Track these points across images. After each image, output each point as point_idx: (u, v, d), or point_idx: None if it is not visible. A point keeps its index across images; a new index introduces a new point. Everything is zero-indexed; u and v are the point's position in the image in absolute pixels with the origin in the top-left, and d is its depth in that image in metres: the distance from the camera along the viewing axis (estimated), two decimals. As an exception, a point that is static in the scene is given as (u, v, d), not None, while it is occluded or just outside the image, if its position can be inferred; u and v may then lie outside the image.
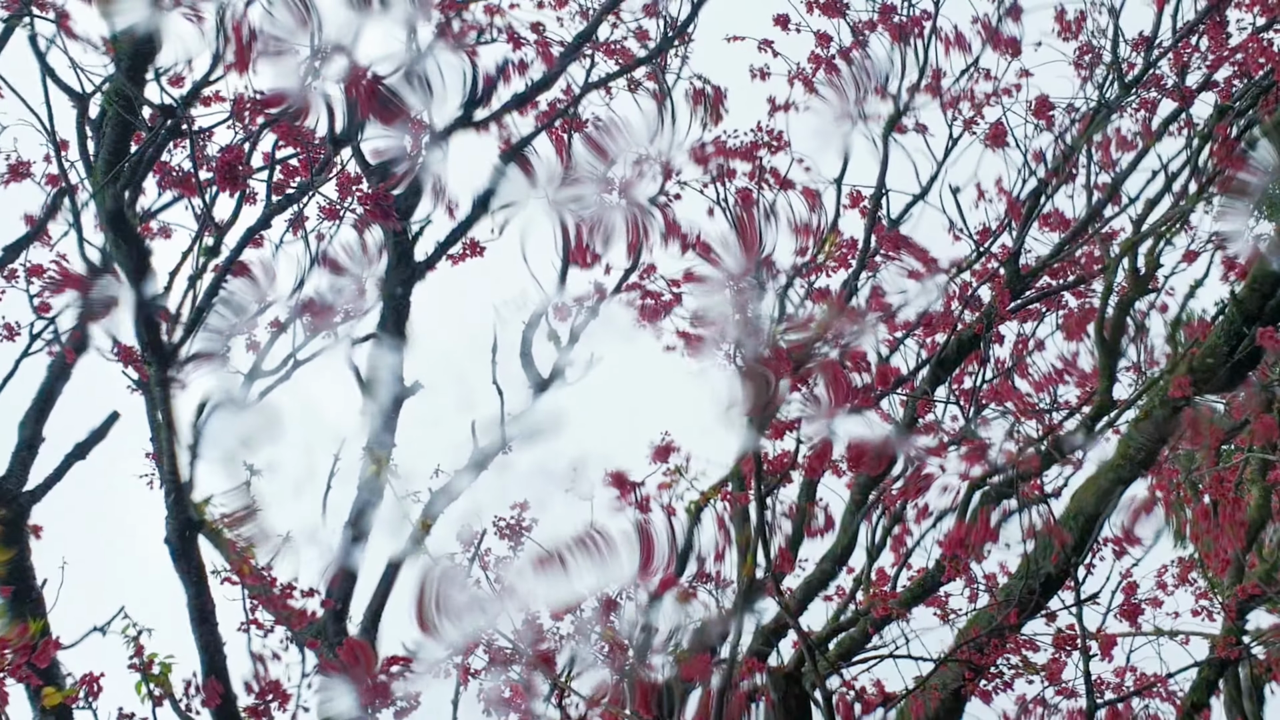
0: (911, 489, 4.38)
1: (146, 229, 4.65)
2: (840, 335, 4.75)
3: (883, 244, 5.25)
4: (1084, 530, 4.08)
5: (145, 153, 3.52)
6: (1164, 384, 4.52)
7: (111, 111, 3.63)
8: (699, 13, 4.73)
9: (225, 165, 3.48)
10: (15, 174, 4.19)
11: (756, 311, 4.56)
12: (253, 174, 4.05)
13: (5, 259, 4.26)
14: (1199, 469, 5.32)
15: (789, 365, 4.52)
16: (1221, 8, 4.97)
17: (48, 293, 4.27)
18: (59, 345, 4.32)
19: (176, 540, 3.91)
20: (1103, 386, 4.92)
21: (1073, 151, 4.92)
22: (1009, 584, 4.41)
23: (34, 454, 4.32)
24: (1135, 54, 5.17)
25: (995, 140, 5.00)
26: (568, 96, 4.88)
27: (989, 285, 4.93)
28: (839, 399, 4.64)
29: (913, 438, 4.55)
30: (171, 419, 3.87)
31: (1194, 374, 4.46)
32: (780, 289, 4.92)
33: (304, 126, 4.30)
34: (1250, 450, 4.76)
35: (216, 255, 4.03)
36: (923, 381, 4.92)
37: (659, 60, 4.82)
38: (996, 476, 4.48)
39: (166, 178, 4.10)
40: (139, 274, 3.63)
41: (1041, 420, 5.49)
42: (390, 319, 4.45)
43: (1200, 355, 4.50)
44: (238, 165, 3.56)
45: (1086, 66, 5.30)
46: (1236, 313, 4.44)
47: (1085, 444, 4.67)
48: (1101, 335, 4.61)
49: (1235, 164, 4.84)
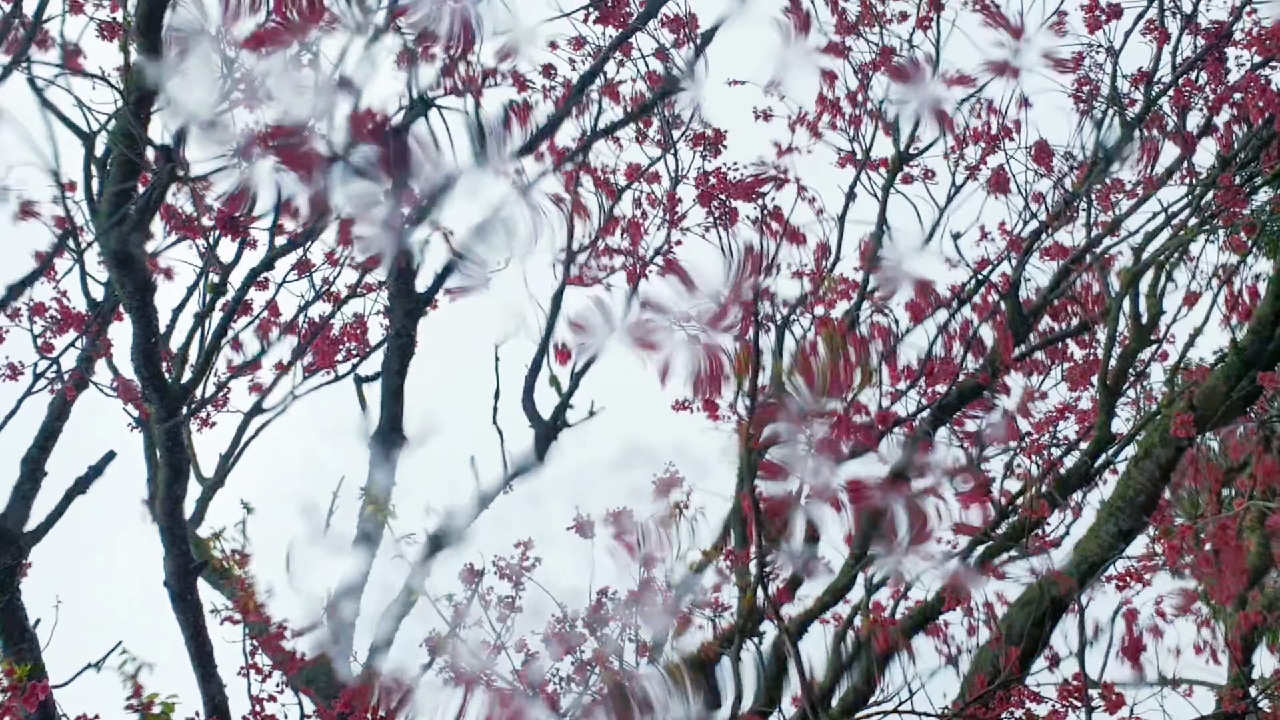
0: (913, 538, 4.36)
1: (153, 265, 4.66)
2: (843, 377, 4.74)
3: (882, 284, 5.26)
4: (1085, 574, 4.08)
5: (150, 195, 3.53)
6: (1163, 420, 4.52)
7: (116, 151, 3.65)
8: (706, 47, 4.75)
9: (225, 217, 3.50)
10: (24, 213, 4.21)
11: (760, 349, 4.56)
12: (254, 221, 4.06)
13: (8, 297, 4.27)
14: (1201, 515, 5.31)
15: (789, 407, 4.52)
16: (1221, 45, 5.00)
17: (50, 332, 4.28)
18: (61, 384, 4.32)
19: (175, 582, 3.90)
20: (1101, 421, 4.92)
21: (1074, 197, 4.94)
22: (1009, 614, 4.40)
23: (36, 490, 4.31)
24: (1135, 89, 5.19)
25: (997, 187, 5.02)
26: (578, 142, 4.90)
27: (990, 324, 4.94)
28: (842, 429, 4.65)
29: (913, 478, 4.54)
30: (175, 459, 3.86)
31: (1194, 411, 4.46)
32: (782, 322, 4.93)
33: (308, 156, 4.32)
34: (1251, 497, 4.75)
35: (222, 295, 4.04)
36: (923, 422, 4.92)
37: (665, 106, 4.85)
38: (1000, 527, 4.47)
39: (172, 220, 4.12)
40: (143, 312, 3.63)
41: (1041, 454, 5.49)
42: (394, 354, 4.45)
43: (1200, 394, 4.51)
44: (237, 215, 3.58)
45: (1085, 99, 5.32)
46: (1236, 359, 4.46)
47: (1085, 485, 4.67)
48: (1104, 384, 4.62)
49: (1239, 204, 4.86)
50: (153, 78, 3.46)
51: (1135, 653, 4.79)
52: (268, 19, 3.96)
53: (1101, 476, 4.84)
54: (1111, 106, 4.82)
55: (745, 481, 3.90)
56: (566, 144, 4.97)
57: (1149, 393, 5.77)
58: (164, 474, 3.90)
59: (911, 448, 4.80)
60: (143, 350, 3.65)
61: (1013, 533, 4.75)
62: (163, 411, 3.80)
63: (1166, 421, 4.28)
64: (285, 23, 3.78)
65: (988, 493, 4.50)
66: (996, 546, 4.77)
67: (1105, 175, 5.20)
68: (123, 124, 3.63)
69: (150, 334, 3.65)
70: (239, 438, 4.95)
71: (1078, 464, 4.77)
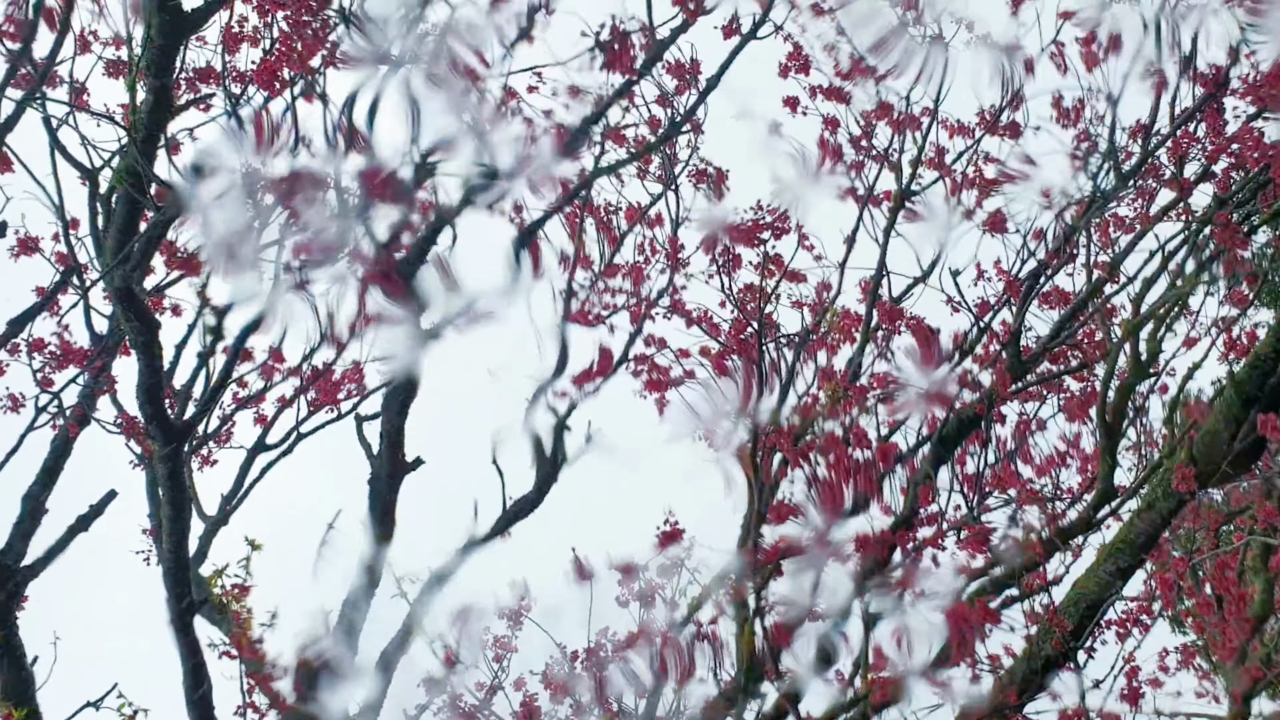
0: (911, 579, 4.37)
1: (157, 303, 4.67)
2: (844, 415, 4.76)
3: (884, 320, 5.28)
4: (1084, 616, 4.07)
5: (154, 232, 3.55)
6: (1165, 471, 4.51)
7: (122, 189, 3.67)
8: (706, 98, 4.80)
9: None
10: (25, 248, 4.22)
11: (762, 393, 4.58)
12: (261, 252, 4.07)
13: (9, 333, 4.27)
14: (1199, 550, 5.31)
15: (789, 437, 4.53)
16: (1219, 95, 5.04)
17: (49, 368, 4.28)
18: (63, 419, 4.32)
19: (176, 619, 3.89)
20: (1103, 473, 4.92)
21: (1072, 232, 4.97)
22: (1013, 666, 4.39)
23: (36, 526, 4.30)
24: (1133, 141, 5.23)
25: (995, 227, 5.06)
26: (580, 179, 4.94)
27: (990, 371, 4.96)
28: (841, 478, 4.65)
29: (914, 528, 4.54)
30: (177, 496, 3.86)
31: (1195, 463, 4.45)
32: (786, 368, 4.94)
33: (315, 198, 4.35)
34: (1251, 533, 4.74)
35: (220, 337, 4.05)
36: (924, 461, 4.92)
37: (667, 148, 4.89)
38: (998, 567, 4.46)
39: (174, 258, 4.14)
40: (148, 349, 3.64)
41: (1044, 507, 5.48)
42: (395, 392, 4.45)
43: (1200, 439, 4.50)
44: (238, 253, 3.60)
45: (1083, 155, 5.35)
46: (1235, 395, 4.45)
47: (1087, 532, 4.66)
48: (1103, 419, 4.62)
49: (1237, 244, 4.88)
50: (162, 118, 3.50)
51: (1135, 698, 4.77)
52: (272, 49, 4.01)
53: (1105, 524, 4.83)
54: (1108, 161, 4.86)
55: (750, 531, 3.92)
56: (569, 179, 5.01)
57: (1149, 432, 5.77)
58: (166, 511, 3.90)
59: (914, 496, 4.80)
60: (147, 387, 3.66)
61: (1011, 572, 4.75)
62: (165, 448, 3.80)
63: (1169, 475, 4.28)
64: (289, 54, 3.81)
65: (987, 542, 4.50)
66: (994, 584, 4.76)
67: (1102, 212, 5.23)
68: (128, 161, 3.66)
69: (155, 371, 3.65)
70: (243, 476, 4.95)
71: (1081, 515, 4.77)
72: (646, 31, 4.56)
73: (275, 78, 3.55)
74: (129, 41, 4.29)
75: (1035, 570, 4.41)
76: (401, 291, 3.82)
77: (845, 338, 5.23)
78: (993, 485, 5.38)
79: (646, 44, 4.57)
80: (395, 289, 3.80)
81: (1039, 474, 5.64)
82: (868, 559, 4.44)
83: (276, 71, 3.65)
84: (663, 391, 5.56)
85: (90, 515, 4.48)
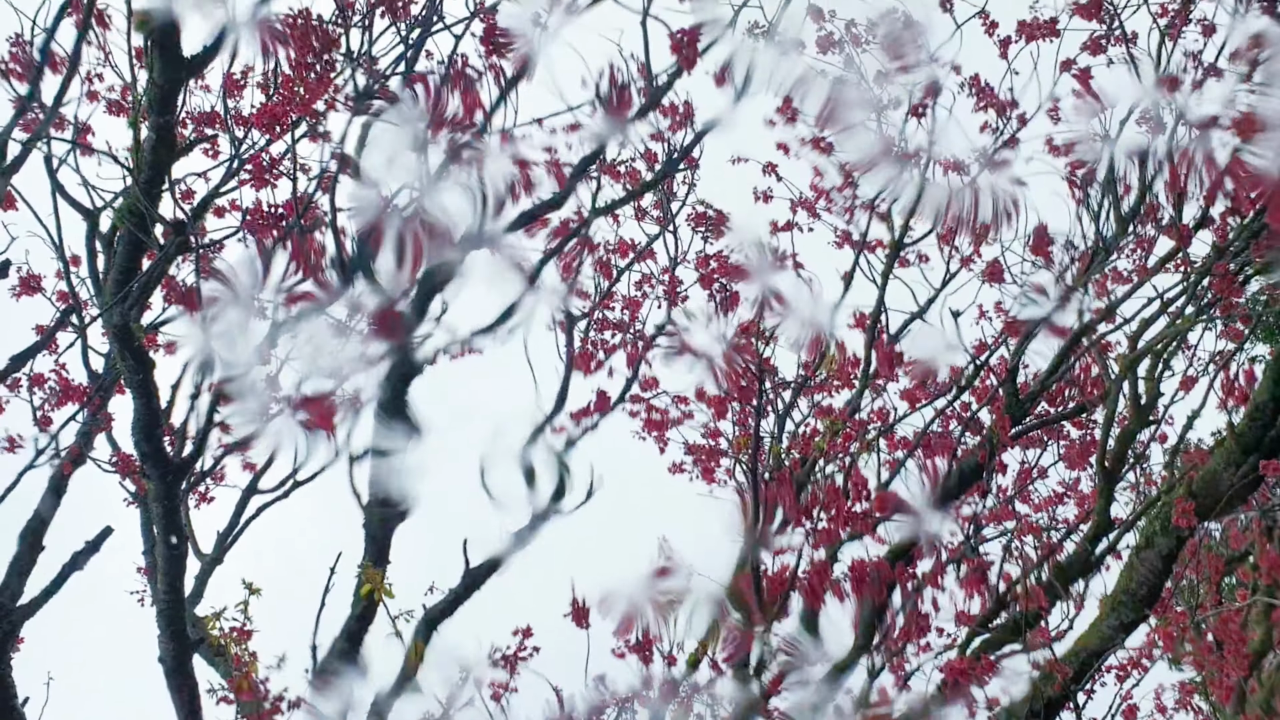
0: (912, 627, 4.35)
1: (152, 341, 4.68)
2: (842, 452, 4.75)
3: (882, 361, 5.29)
4: (1084, 663, 4.05)
5: (155, 270, 3.56)
6: (1164, 507, 4.51)
7: (124, 228, 3.69)
8: (703, 139, 4.83)
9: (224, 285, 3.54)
10: (26, 287, 4.24)
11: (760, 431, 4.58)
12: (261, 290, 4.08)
13: (9, 369, 4.28)
14: (1201, 605, 5.29)
15: (791, 488, 4.53)
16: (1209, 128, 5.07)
17: (48, 405, 4.29)
18: (59, 458, 4.32)
19: (171, 660, 3.86)
20: (1100, 506, 4.92)
21: (1072, 290, 4.99)
22: (1014, 706, 4.36)
23: (33, 564, 4.29)
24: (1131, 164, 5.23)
25: (992, 277, 5.08)
26: (578, 218, 4.96)
27: (989, 408, 4.96)
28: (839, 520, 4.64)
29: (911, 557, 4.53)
30: (173, 535, 3.85)
31: (1195, 498, 4.46)
32: (783, 408, 4.96)
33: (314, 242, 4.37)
34: (1255, 588, 4.73)
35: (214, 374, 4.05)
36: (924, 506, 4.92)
37: (665, 186, 4.92)
38: (999, 616, 4.45)
39: (172, 293, 4.15)
40: (144, 387, 3.64)
41: (1040, 537, 5.47)
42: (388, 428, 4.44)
43: (1200, 478, 4.51)
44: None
45: (1080, 185, 5.37)
46: (1235, 446, 4.46)
47: (1087, 573, 4.65)
48: (1103, 465, 4.62)
49: (1234, 293, 4.90)
50: (165, 158, 3.52)
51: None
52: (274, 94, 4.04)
53: (1104, 564, 4.82)
54: (1107, 195, 4.89)
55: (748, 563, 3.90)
56: (567, 217, 5.03)
57: (1148, 475, 5.77)
58: (161, 550, 3.89)
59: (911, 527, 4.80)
60: (143, 425, 3.66)
61: (1014, 625, 4.73)
62: (161, 487, 3.80)
63: (1168, 509, 4.28)
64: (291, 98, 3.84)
65: (984, 578, 4.49)
66: (996, 639, 4.74)
67: (1103, 266, 5.24)
68: (130, 201, 3.68)
69: (151, 409, 3.66)
70: (238, 515, 4.93)
71: (1078, 550, 4.75)
72: (643, 72, 4.59)
73: (277, 121, 3.57)
74: (133, 84, 4.33)
75: (1038, 624, 4.39)
76: (397, 338, 3.83)
77: (844, 384, 5.25)
78: (989, 520, 5.38)
79: (644, 89, 4.61)
80: (391, 333, 3.81)
81: (1036, 510, 5.65)
82: (865, 601, 4.43)
83: (278, 115, 3.67)
84: (662, 431, 5.57)
85: (85, 553, 4.46)
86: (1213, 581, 5.69)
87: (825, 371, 5.31)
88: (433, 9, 3.72)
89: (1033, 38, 4.87)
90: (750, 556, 3.67)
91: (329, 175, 3.92)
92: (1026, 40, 4.90)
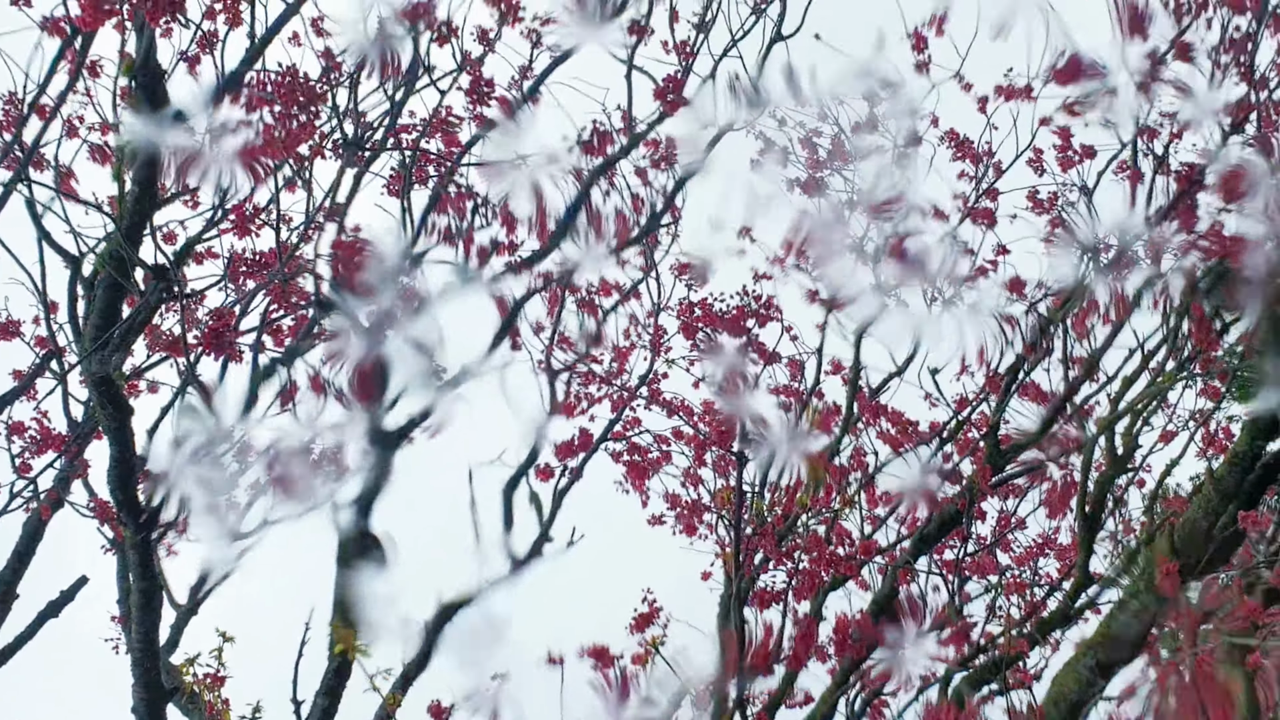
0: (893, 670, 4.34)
1: (133, 387, 4.65)
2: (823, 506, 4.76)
3: (864, 413, 5.31)
4: (1067, 716, 4.03)
5: (136, 318, 3.55)
6: (1147, 562, 4.51)
7: (105, 274, 3.67)
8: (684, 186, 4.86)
9: (213, 333, 3.52)
10: (4, 332, 4.22)
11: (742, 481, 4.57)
12: (240, 337, 4.08)
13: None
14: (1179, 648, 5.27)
15: (772, 539, 4.53)
16: (1193, 191, 5.12)
17: (28, 452, 4.25)
18: (37, 503, 4.28)
19: (145, 710, 3.81)
20: (1081, 560, 4.92)
21: (1049, 323, 5.02)
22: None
23: (6, 613, 4.24)
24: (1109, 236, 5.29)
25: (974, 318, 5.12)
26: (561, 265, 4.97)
27: (970, 460, 4.97)
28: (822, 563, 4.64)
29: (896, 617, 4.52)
30: (147, 583, 3.81)
31: (1177, 554, 4.46)
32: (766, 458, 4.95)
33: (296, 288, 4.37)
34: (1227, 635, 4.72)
35: (200, 419, 4.02)
36: (903, 554, 4.91)
37: (648, 240, 4.95)
38: (980, 658, 4.44)
39: (155, 340, 4.13)
40: (120, 434, 3.62)
41: (1023, 594, 5.47)
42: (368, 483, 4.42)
43: (1180, 528, 4.51)
44: (224, 333, 3.60)
45: (1058, 240, 5.41)
46: (1214, 492, 4.47)
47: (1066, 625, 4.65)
48: (1083, 510, 4.63)
49: (1211, 345, 4.93)
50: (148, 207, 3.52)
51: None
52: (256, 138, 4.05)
53: (1083, 616, 4.82)
54: (1086, 253, 4.93)
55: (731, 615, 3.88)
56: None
57: (1128, 523, 5.78)
58: (136, 599, 3.84)
59: (893, 577, 4.79)
60: (118, 473, 3.63)
61: (992, 665, 4.72)
62: (134, 535, 3.76)
63: (1150, 566, 4.28)
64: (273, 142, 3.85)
65: (967, 637, 4.48)
66: (975, 677, 4.73)
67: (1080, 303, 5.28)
68: (112, 247, 3.67)
69: (127, 456, 3.63)
70: (214, 564, 4.88)
71: (1060, 606, 4.76)
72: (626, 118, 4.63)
73: (258, 161, 3.58)
74: (115, 126, 4.33)
75: (1016, 663, 4.39)
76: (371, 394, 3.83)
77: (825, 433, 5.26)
78: (972, 571, 5.37)
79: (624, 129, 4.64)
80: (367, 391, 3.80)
81: (1019, 563, 5.64)
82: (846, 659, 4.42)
83: (259, 156, 3.68)
84: (643, 479, 5.56)
85: (61, 601, 4.41)
86: (1190, 632, 5.67)
87: (809, 420, 5.32)
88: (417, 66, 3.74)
89: (1011, 97, 4.95)
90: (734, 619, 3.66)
91: (315, 225, 3.93)
92: (1005, 99, 4.97)
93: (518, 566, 4.54)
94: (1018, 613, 5.36)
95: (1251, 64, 4.58)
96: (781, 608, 4.06)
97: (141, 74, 3.09)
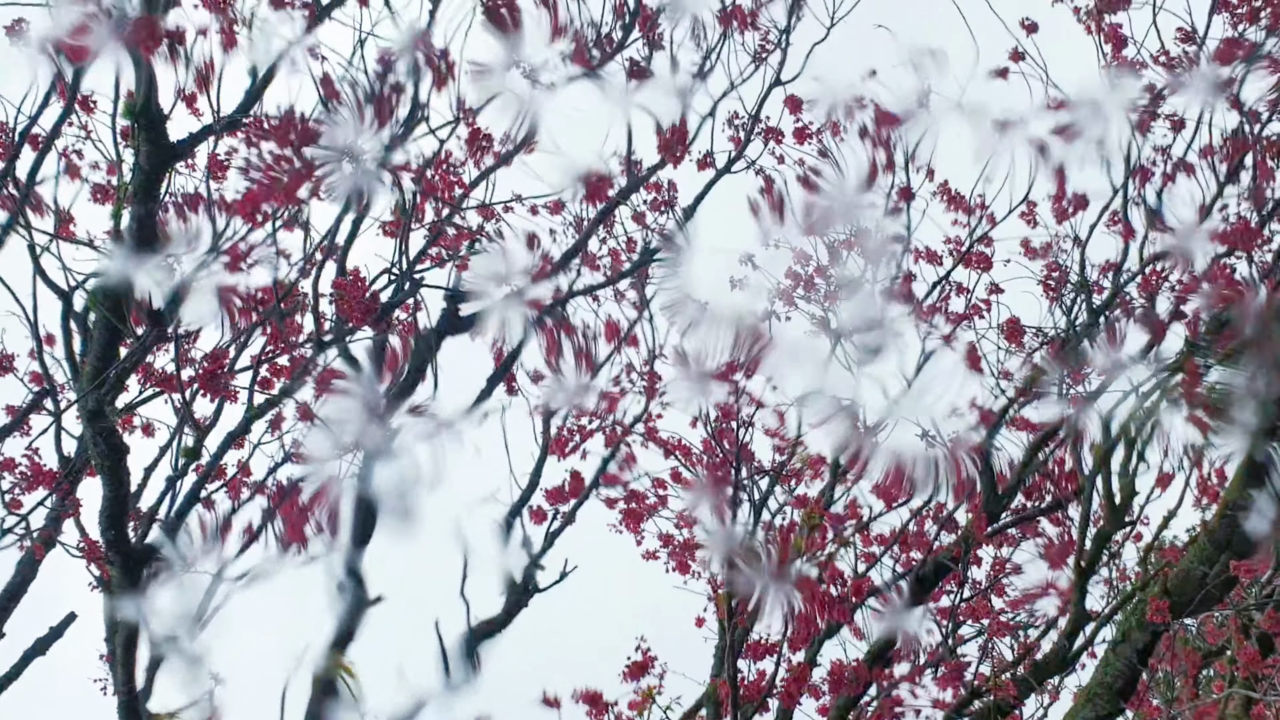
0: (886, 713, 4.32)
1: (128, 422, 4.63)
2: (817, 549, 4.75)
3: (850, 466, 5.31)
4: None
5: (132, 359, 3.54)
6: (1140, 603, 4.52)
7: (99, 315, 3.66)
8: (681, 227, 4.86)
9: (208, 375, 3.51)
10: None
11: (735, 522, 4.57)
12: (234, 377, 4.07)
13: (-21, 450, 4.22)
14: (1179, 700, 5.27)
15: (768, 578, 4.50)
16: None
17: (19, 489, 4.22)
18: (30, 541, 4.24)
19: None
20: (1075, 599, 4.92)
21: (1042, 374, 5.03)
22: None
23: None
24: (1103, 277, 5.32)
25: (970, 364, 5.12)
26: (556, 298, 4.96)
27: (965, 505, 4.97)
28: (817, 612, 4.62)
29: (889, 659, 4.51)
30: (134, 623, 3.78)
31: (1170, 596, 4.47)
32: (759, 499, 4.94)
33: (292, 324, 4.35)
34: (1232, 681, 4.72)
35: (196, 457, 4.01)
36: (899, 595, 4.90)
37: (641, 274, 4.95)
38: (975, 703, 4.43)
39: (150, 378, 4.12)
40: (114, 474, 3.60)
41: (1016, 635, 5.45)
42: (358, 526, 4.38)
43: (1174, 575, 4.53)
44: (219, 373, 3.59)
45: (1054, 285, 5.43)
46: (1208, 542, 4.49)
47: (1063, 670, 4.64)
48: (1079, 564, 4.64)
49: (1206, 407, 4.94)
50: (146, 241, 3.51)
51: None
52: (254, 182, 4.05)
53: (1079, 661, 4.81)
54: (1080, 294, 4.95)
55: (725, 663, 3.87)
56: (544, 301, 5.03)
57: (1123, 571, 5.78)
58: (121, 639, 3.82)
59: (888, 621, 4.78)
60: (110, 513, 3.61)
61: (987, 712, 4.70)
62: (123, 575, 3.73)
63: (1143, 606, 4.29)
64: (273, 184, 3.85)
65: (960, 677, 4.47)
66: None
67: (1076, 353, 5.29)
68: (105, 284, 3.66)
69: (120, 496, 3.61)
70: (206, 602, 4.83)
71: (1055, 648, 4.74)
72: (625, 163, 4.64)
73: (257, 209, 3.59)
74: (118, 163, 4.33)
75: (1010, 713, 4.37)
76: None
77: (816, 475, 5.25)
78: (967, 615, 5.35)
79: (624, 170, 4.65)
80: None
81: (1013, 607, 5.63)
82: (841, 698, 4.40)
83: (259, 202, 3.68)
84: (638, 522, 5.53)
85: (49, 638, 4.38)
86: (1190, 675, 5.67)
87: (800, 460, 5.31)
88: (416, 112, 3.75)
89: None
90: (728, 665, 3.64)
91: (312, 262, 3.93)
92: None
93: (510, 605, 4.51)
94: (1010, 654, 5.34)
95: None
96: (775, 659, 4.04)
97: (144, 119, 3.10)
